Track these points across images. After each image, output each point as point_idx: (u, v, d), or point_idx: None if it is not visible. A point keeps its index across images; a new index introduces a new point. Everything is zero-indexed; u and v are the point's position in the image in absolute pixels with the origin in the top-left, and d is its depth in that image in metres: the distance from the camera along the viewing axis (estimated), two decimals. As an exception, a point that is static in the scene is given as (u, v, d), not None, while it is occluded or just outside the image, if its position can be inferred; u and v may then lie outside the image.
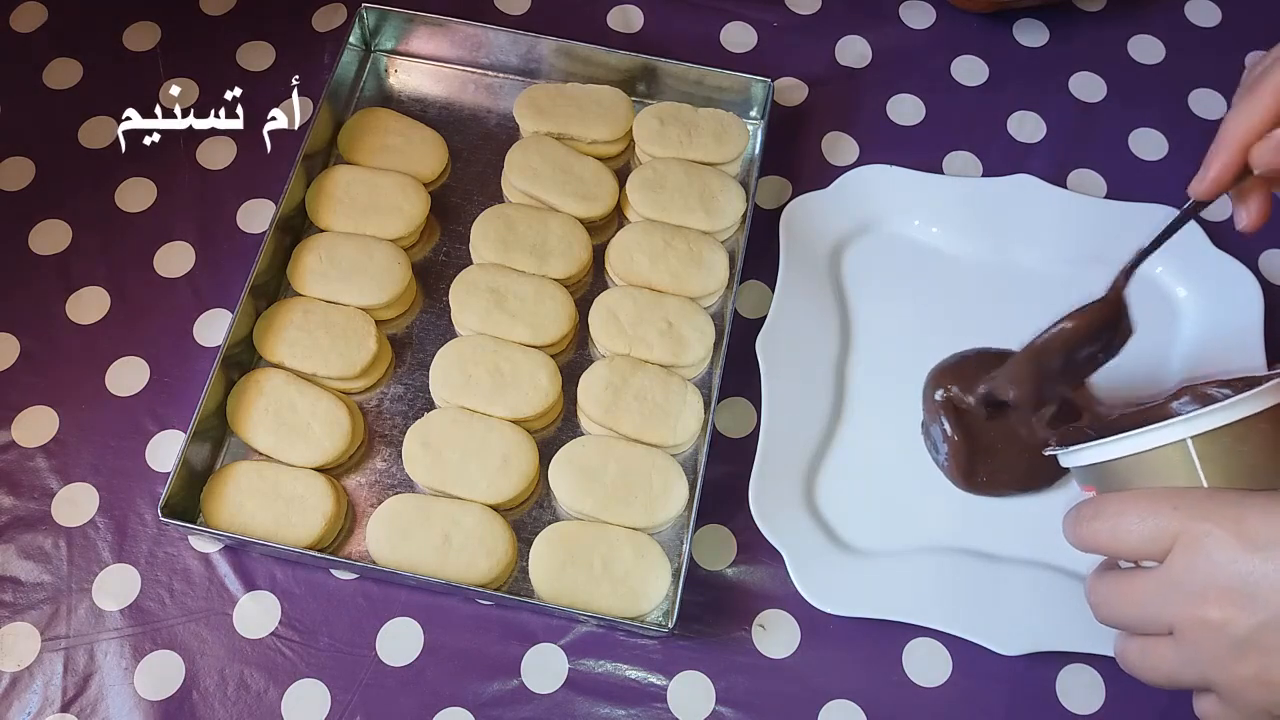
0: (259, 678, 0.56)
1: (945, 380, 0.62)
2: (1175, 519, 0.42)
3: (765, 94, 0.69)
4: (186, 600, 0.58)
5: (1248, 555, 0.40)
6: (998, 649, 0.55)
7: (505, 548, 0.57)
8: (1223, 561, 0.40)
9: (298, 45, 0.74)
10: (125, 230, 0.67)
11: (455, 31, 0.71)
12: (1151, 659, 0.44)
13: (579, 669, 0.57)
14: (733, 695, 0.56)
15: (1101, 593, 0.46)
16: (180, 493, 0.57)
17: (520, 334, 0.62)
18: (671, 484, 0.58)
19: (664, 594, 0.56)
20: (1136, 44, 0.76)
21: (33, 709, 0.55)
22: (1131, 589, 0.44)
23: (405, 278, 0.63)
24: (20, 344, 0.64)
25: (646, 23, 0.76)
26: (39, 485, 0.60)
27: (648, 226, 0.65)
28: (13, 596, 0.57)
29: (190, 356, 0.63)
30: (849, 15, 0.76)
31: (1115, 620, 0.46)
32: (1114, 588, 0.45)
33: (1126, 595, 0.44)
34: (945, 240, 0.67)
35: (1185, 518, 0.42)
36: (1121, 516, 0.44)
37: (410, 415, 0.62)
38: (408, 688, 0.56)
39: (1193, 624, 0.41)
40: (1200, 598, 0.41)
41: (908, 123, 0.72)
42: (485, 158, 0.70)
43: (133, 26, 0.74)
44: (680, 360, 0.62)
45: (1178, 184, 0.69)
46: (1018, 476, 0.60)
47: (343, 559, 0.58)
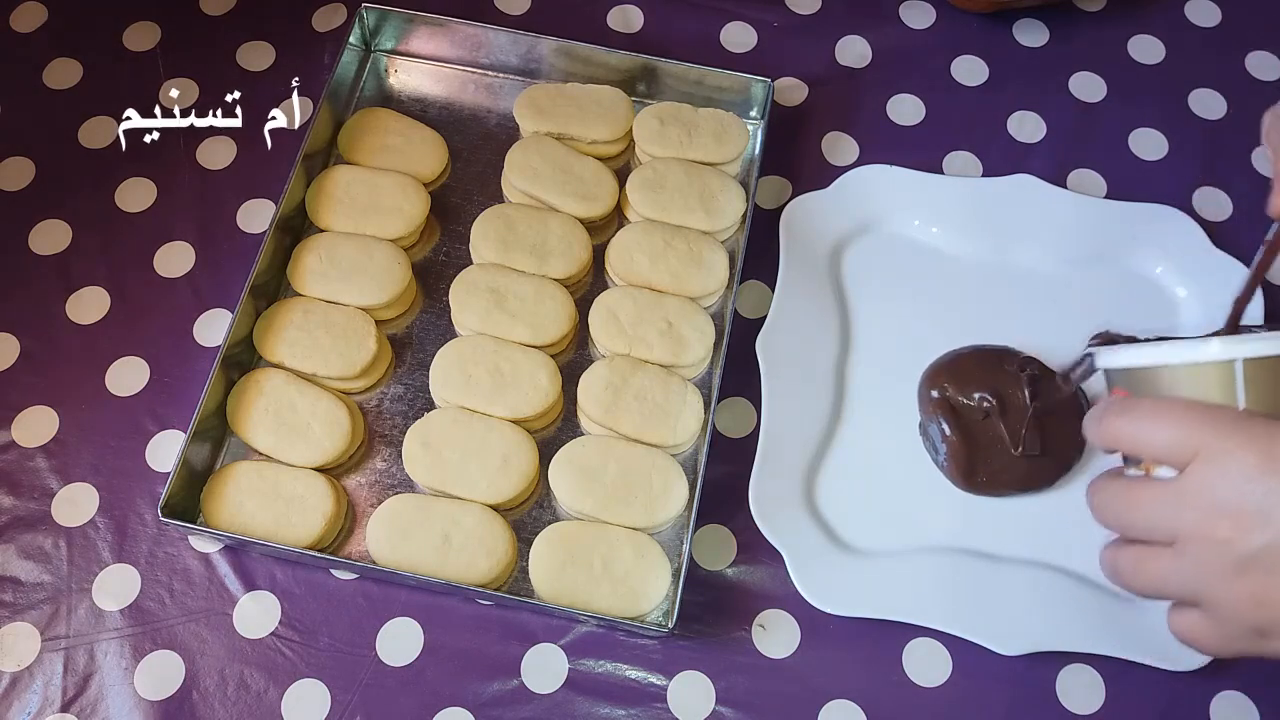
0: (259, 678, 0.56)
1: (941, 379, 0.62)
2: (1204, 433, 0.42)
3: (765, 94, 0.69)
4: (186, 600, 0.58)
5: (1267, 477, 0.40)
6: (998, 649, 0.55)
7: (505, 548, 0.57)
8: (1241, 480, 0.40)
9: (298, 45, 0.74)
10: (125, 230, 0.67)
11: (455, 31, 0.71)
12: (1146, 566, 0.44)
13: (579, 669, 0.57)
14: (733, 695, 0.56)
15: (1107, 495, 0.45)
16: (180, 493, 0.57)
17: (520, 334, 0.62)
18: (671, 484, 0.58)
19: (664, 594, 0.56)
20: (1136, 44, 0.76)
21: (33, 709, 0.55)
22: (1142, 495, 0.44)
23: (405, 278, 0.63)
24: (20, 344, 0.64)
25: (646, 23, 0.76)
26: (39, 485, 0.60)
27: (648, 226, 0.65)
28: (13, 596, 0.57)
29: (190, 356, 0.63)
30: (849, 15, 0.76)
31: (1117, 523, 0.45)
32: (1122, 491, 0.45)
33: (1135, 500, 0.44)
34: (945, 240, 0.67)
35: (1215, 434, 0.41)
36: (1152, 419, 0.43)
37: (410, 415, 0.62)
38: (408, 688, 0.56)
39: (1199, 537, 0.41)
40: (1212, 512, 0.41)
41: (908, 123, 0.72)
42: (485, 158, 0.70)
43: (133, 26, 0.74)
44: (680, 360, 0.62)
45: (1178, 184, 0.70)
46: (1018, 477, 0.60)
47: (343, 559, 0.58)
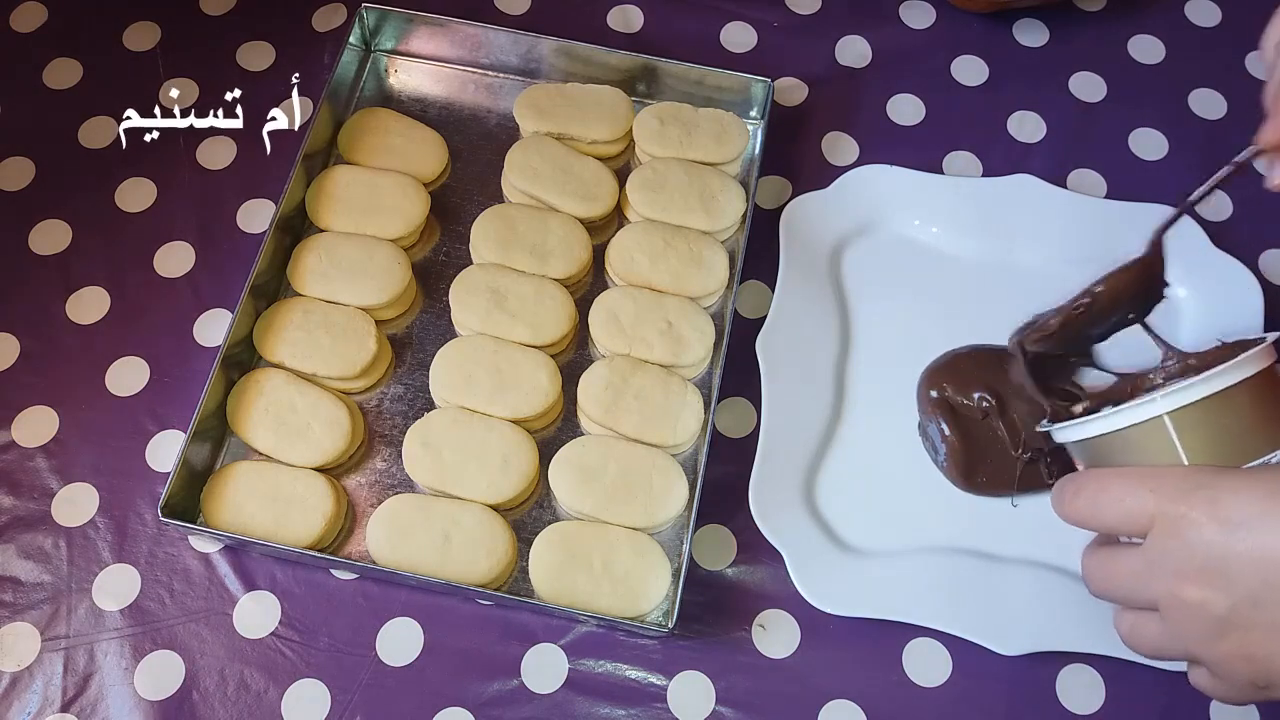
0: (259, 678, 0.56)
1: (939, 379, 0.62)
2: (1151, 500, 0.43)
3: (765, 94, 0.69)
4: (186, 600, 0.58)
5: (1222, 536, 0.40)
6: (998, 649, 0.55)
7: (505, 548, 0.57)
8: (1197, 543, 0.41)
9: (298, 45, 0.74)
10: (125, 230, 0.67)
11: (455, 31, 0.71)
12: (1140, 633, 0.45)
13: (579, 669, 0.57)
14: (733, 695, 0.56)
15: (1091, 567, 0.47)
16: (180, 493, 0.57)
17: (520, 334, 0.62)
18: (671, 484, 0.58)
19: (664, 594, 0.56)
20: (1136, 44, 0.76)
21: (33, 709, 0.55)
22: (1117, 566, 0.45)
23: (405, 278, 0.63)
24: (20, 344, 0.64)
25: (646, 23, 0.76)
26: (39, 485, 0.60)
27: (648, 226, 0.65)
28: (13, 596, 0.57)
29: (190, 356, 0.63)
30: (849, 15, 0.76)
31: (1105, 594, 0.46)
32: (1102, 563, 0.46)
33: (1112, 572, 0.45)
34: (945, 240, 0.67)
35: (1161, 499, 0.42)
36: (1100, 494, 0.45)
37: (410, 415, 0.62)
38: (408, 688, 0.56)
39: (1174, 603, 0.42)
40: (1179, 578, 0.42)
41: (908, 123, 0.72)
42: (485, 158, 0.70)
43: (133, 26, 0.74)
44: (680, 360, 0.62)
45: (1178, 184, 0.70)
46: (1018, 477, 0.60)
47: (343, 559, 0.58)
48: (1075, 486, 0.46)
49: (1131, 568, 0.44)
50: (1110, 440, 0.47)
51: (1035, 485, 0.60)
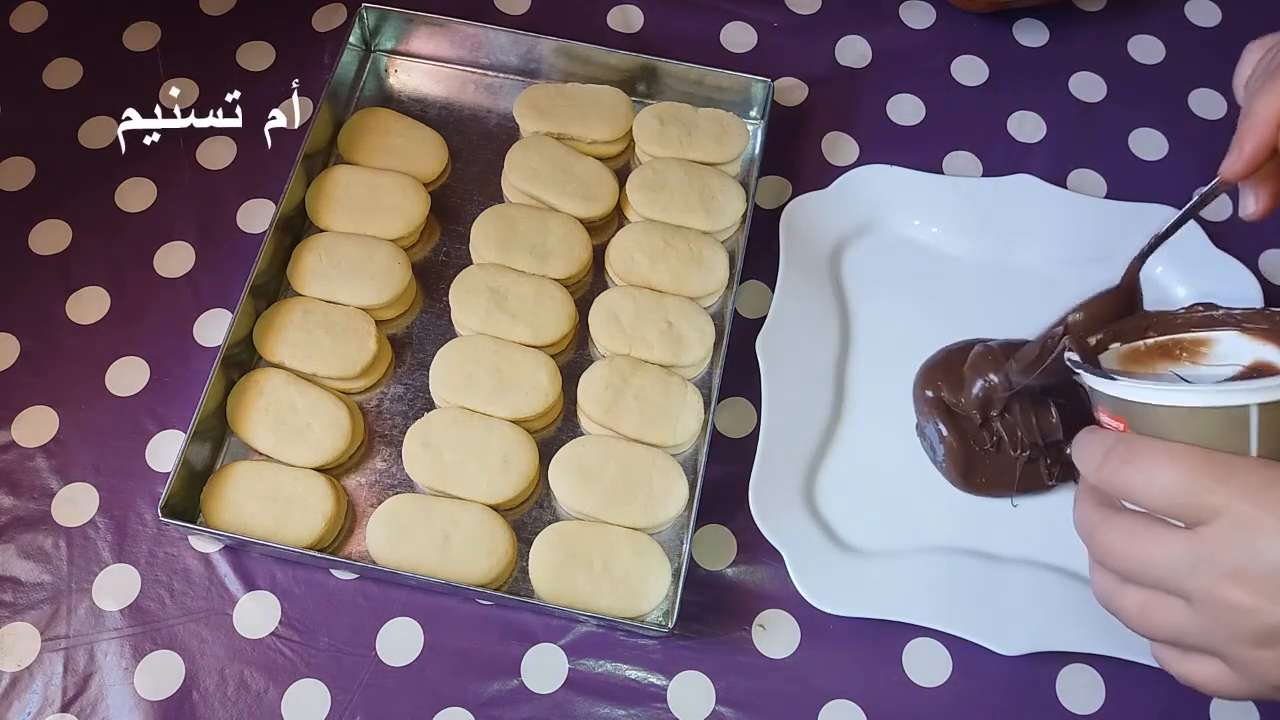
0: (259, 678, 0.56)
1: (934, 378, 0.61)
2: (1222, 494, 0.39)
3: (765, 94, 0.69)
4: (186, 600, 0.58)
5: None
6: (998, 649, 0.55)
7: (505, 548, 0.57)
8: (1267, 549, 0.38)
9: (298, 45, 0.74)
10: (125, 230, 0.67)
11: (455, 31, 0.71)
12: (1153, 616, 0.42)
13: (579, 669, 0.57)
14: (733, 695, 0.56)
15: (1108, 537, 0.42)
16: (180, 493, 0.57)
17: (520, 334, 0.62)
18: (671, 484, 0.58)
19: (664, 594, 0.56)
20: (1136, 44, 0.76)
21: (33, 709, 0.55)
22: (1149, 545, 0.41)
23: (405, 278, 0.63)
24: (20, 344, 0.64)
25: (646, 23, 0.76)
26: (39, 485, 0.60)
27: (648, 226, 0.65)
28: (13, 596, 0.57)
29: (190, 356, 0.63)
30: (849, 15, 0.76)
31: (1116, 567, 0.42)
32: (1127, 536, 0.41)
33: (1143, 552, 0.41)
34: (945, 240, 0.67)
35: (1234, 496, 0.38)
36: (1160, 470, 0.40)
37: (410, 415, 0.62)
38: (408, 688, 0.56)
39: (1216, 601, 0.39)
40: (1233, 579, 0.38)
41: (908, 123, 0.72)
42: (485, 158, 0.70)
43: (133, 26, 0.74)
44: (680, 360, 0.62)
45: (1178, 184, 0.70)
46: (1017, 478, 0.60)
47: (343, 559, 0.58)
48: (1127, 452, 0.41)
49: (1171, 553, 0.40)
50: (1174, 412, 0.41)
51: (1035, 485, 0.60)
